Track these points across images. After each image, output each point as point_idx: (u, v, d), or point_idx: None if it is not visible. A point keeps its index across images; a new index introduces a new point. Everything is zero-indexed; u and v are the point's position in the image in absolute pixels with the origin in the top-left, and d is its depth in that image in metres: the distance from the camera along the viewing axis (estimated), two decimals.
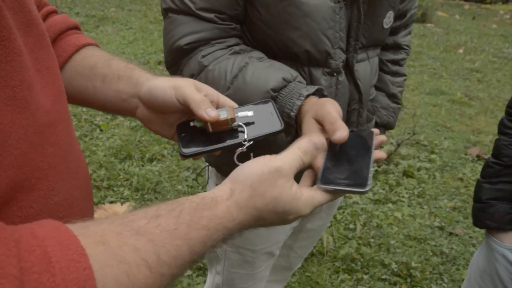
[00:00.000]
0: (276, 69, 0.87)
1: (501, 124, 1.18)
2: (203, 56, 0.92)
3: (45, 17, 0.76)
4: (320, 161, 0.61)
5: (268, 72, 0.86)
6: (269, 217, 0.53)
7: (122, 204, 2.39)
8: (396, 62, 1.24)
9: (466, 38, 7.24)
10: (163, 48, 0.98)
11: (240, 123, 0.63)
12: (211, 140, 0.63)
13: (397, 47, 1.23)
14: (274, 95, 0.83)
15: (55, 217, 0.53)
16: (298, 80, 0.86)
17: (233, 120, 0.62)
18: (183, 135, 0.64)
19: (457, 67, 5.60)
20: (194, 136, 0.64)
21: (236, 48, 0.94)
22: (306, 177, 0.61)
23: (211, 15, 0.90)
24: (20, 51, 0.49)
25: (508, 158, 1.14)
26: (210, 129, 0.62)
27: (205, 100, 0.62)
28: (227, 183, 0.53)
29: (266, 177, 0.52)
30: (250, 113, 0.64)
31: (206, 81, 0.89)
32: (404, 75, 1.27)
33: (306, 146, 0.56)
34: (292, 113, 0.79)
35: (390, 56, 1.22)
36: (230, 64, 0.90)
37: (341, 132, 0.63)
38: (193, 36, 0.91)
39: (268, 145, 0.78)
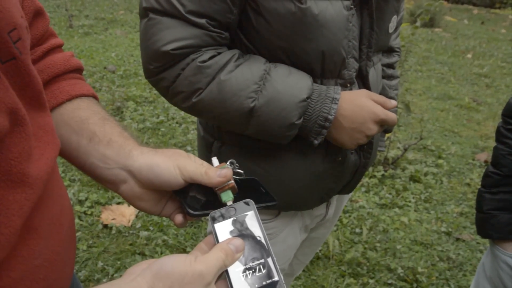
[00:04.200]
0: (299, 75, 0.88)
1: (498, 133, 1.16)
2: (203, 62, 0.83)
3: (46, 53, 0.69)
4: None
5: (295, 79, 0.86)
6: None
7: (129, 205, 2.41)
8: (391, 66, 1.23)
9: (475, 43, 7.21)
10: (142, 54, 0.86)
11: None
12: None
13: (390, 50, 1.24)
14: (307, 103, 0.87)
15: (35, 280, 0.50)
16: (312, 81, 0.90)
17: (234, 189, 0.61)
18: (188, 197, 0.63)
19: (465, 72, 5.57)
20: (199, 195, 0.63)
21: (237, 53, 0.87)
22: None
23: (202, 20, 0.81)
24: (24, 120, 0.46)
25: (507, 168, 1.13)
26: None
27: (210, 169, 0.59)
28: (147, 277, 0.48)
29: (188, 280, 0.48)
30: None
31: (221, 94, 0.84)
32: (397, 77, 1.26)
33: (227, 248, 0.52)
34: (330, 116, 0.87)
35: (385, 60, 1.21)
36: (247, 71, 0.84)
37: None
38: (181, 42, 0.81)
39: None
